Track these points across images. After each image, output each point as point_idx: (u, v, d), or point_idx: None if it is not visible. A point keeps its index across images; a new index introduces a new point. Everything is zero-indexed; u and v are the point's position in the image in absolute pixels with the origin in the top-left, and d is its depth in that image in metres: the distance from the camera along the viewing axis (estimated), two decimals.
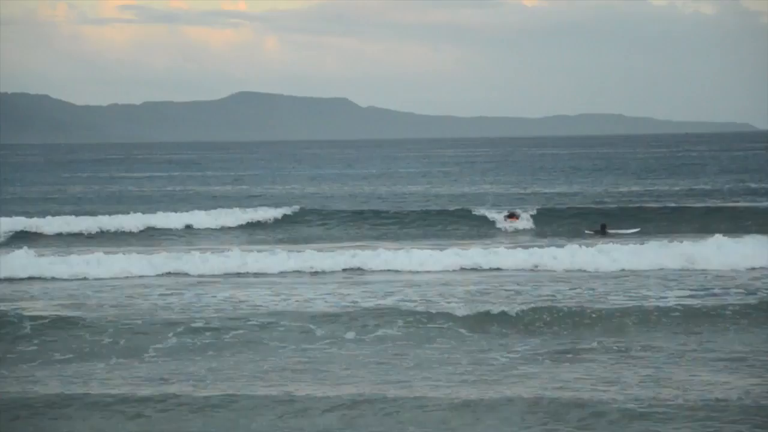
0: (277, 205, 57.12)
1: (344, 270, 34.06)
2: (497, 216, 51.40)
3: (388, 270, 33.92)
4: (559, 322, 23.17)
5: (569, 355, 20.20)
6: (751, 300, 25.67)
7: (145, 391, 17.66)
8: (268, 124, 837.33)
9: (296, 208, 54.72)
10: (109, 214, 53.16)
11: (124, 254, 35.87)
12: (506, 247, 36.74)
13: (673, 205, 57.60)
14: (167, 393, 17.48)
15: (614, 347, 20.83)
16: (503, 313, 23.58)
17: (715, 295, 27.05)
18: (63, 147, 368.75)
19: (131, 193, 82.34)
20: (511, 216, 51.11)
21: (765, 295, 26.72)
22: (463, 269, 33.90)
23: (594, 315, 23.58)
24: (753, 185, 76.23)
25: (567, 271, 33.18)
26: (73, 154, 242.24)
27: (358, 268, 34.23)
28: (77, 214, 54.48)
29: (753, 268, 32.30)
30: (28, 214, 53.62)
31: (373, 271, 33.85)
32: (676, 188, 75.00)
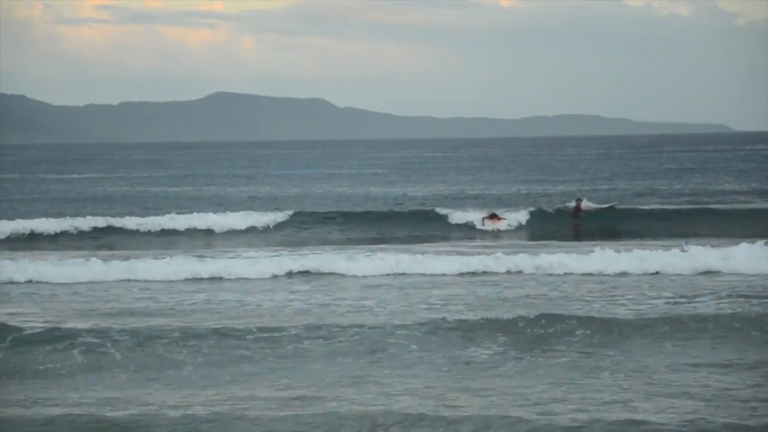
0: (249, 209, 56.78)
1: (323, 273, 33.48)
2: (477, 217, 51.01)
3: (366, 275, 33.22)
4: (534, 328, 22.69)
5: (541, 361, 20.00)
6: (733, 306, 25.52)
7: (113, 409, 17.20)
8: (246, 125, 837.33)
9: (283, 211, 54.11)
10: (102, 215, 52.97)
11: (120, 259, 35.12)
12: (484, 249, 36.44)
13: (647, 207, 57.60)
14: (140, 407, 17.07)
15: (586, 353, 20.62)
16: (480, 317, 23.20)
17: (695, 300, 26.71)
18: (40, 147, 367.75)
19: (114, 194, 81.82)
20: (492, 217, 50.73)
21: (740, 301, 26.51)
22: (441, 273, 33.31)
23: (570, 320, 23.07)
24: (734, 187, 76.29)
25: (544, 273, 32.81)
26: (49, 152, 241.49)
27: (340, 273, 33.48)
28: (38, 215, 53.95)
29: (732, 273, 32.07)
30: None
31: (348, 276, 33.17)
32: (651, 189, 75.07)
